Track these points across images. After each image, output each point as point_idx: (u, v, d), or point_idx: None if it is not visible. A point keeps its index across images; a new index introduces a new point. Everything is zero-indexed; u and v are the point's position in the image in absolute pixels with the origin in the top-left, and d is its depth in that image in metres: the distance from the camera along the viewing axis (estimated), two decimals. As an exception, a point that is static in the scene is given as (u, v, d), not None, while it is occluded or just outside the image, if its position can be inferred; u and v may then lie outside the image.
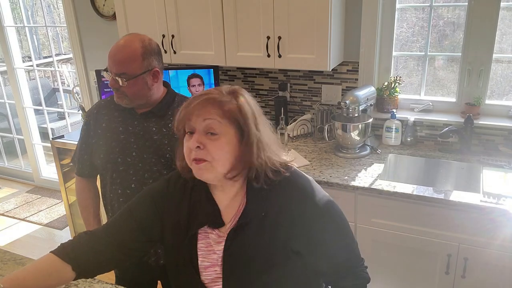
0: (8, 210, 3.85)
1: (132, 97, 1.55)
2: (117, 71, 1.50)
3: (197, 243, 1.12)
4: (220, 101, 1.04)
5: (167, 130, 1.60)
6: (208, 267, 1.12)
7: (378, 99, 2.53)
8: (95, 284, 1.40)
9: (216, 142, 1.03)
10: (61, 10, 4.06)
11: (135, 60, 1.50)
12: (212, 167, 1.04)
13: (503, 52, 2.36)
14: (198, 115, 1.03)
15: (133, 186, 1.58)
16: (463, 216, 1.88)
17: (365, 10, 2.40)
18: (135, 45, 1.51)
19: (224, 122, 1.03)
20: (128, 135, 1.59)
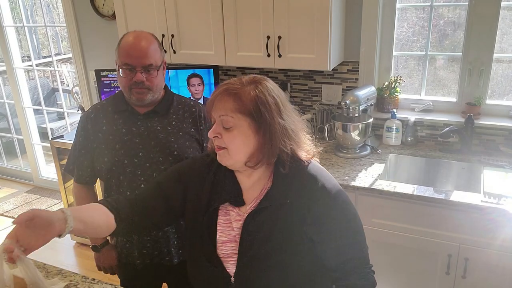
0: (7, 210, 3.84)
1: (155, 89, 1.55)
2: (144, 64, 1.49)
3: (217, 218, 1.19)
4: (237, 93, 1.09)
5: (172, 128, 1.60)
6: (225, 242, 1.17)
7: (378, 99, 2.53)
8: (95, 285, 1.40)
9: (229, 134, 1.10)
10: (60, 10, 4.05)
11: (157, 51, 1.53)
12: (229, 155, 1.11)
13: (504, 52, 2.36)
14: (215, 109, 1.11)
15: (142, 187, 1.56)
16: (463, 216, 1.88)
17: (366, 10, 2.39)
18: (150, 38, 1.53)
19: (237, 116, 1.08)
20: (133, 136, 1.58)
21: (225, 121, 1.09)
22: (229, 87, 1.10)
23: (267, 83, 1.13)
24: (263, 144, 1.10)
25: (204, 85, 2.67)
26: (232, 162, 1.13)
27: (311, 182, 1.13)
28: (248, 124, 1.08)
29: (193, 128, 1.64)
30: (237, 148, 1.10)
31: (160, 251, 1.64)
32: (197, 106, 1.71)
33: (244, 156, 1.11)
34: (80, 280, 1.42)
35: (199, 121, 1.66)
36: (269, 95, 1.10)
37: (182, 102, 1.68)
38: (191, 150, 1.61)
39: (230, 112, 1.08)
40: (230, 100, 1.08)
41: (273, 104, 1.09)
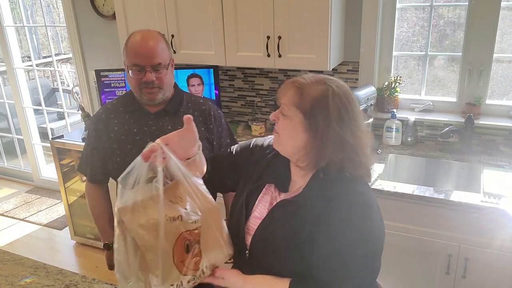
0: (7, 210, 3.84)
1: (166, 88, 1.55)
2: (153, 63, 1.48)
3: (260, 194, 1.24)
4: (301, 87, 1.10)
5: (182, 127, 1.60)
6: (256, 217, 1.22)
7: (378, 99, 2.53)
8: (95, 285, 1.40)
9: (283, 122, 1.13)
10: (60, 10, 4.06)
11: (164, 49, 1.53)
12: (280, 140, 1.15)
13: (504, 52, 2.36)
14: (280, 95, 1.15)
15: None
16: (463, 216, 1.88)
17: (366, 10, 2.39)
18: (157, 36, 1.53)
19: (292, 109, 1.10)
20: (144, 136, 1.57)
21: (283, 109, 1.12)
22: (297, 80, 1.12)
23: (337, 87, 1.10)
24: (311, 145, 1.10)
25: (204, 85, 2.67)
26: (281, 148, 1.16)
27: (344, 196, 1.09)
28: (299, 120, 1.09)
29: (203, 127, 1.63)
30: (285, 137, 1.13)
31: None
32: (207, 104, 1.70)
33: (291, 148, 1.14)
34: (80, 280, 1.42)
35: (209, 119, 1.66)
36: (333, 101, 1.07)
37: (192, 101, 1.68)
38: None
39: (288, 103, 1.11)
40: (292, 91, 1.11)
41: (335, 111, 1.07)
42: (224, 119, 1.74)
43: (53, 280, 1.43)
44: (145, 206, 0.98)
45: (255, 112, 2.92)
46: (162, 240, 0.96)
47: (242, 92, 2.91)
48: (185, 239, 1.00)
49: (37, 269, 1.48)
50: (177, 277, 1.00)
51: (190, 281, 1.03)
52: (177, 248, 0.99)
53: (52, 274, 1.46)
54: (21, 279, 1.43)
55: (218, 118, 1.70)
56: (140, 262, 0.98)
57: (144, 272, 0.99)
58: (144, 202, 0.99)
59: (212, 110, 1.68)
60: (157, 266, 0.96)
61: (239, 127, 2.87)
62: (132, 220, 0.97)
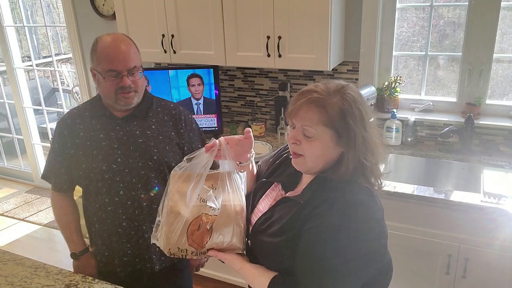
0: (7, 210, 3.84)
1: (141, 91, 1.54)
2: (129, 67, 1.46)
3: (268, 189, 1.27)
4: (323, 105, 1.06)
5: (151, 132, 1.57)
6: (259, 210, 1.24)
7: (378, 99, 2.53)
8: (95, 284, 1.40)
9: (310, 144, 1.08)
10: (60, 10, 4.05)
11: (136, 52, 1.52)
12: (305, 163, 1.12)
13: (504, 52, 2.36)
14: (297, 118, 1.08)
15: (122, 193, 1.53)
16: (463, 216, 1.88)
17: (366, 10, 2.39)
18: (127, 38, 1.52)
19: (320, 128, 1.06)
20: (111, 141, 1.53)
21: (307, 130, 1.07)
22: (314, 97, 1.06)
23: (353, 93, 1.10)
24: (347, 156, 1.08)
25: (204, 85, 2.67)
26: (307, 169, 1.14)
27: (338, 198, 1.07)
28: (330, 136, 1.07)
29: (173, 132, 1.61)
30: (315, 157, 1.10)
31: (141, 258, 1.60)
32: (177, 108, 1.66)
33: (321, 164, 1.11)
34: (80, 280, 1.42)
35: (179, 124, 1.63)
36: (356, 107, 1.07)
37: (162, 105, 1.65)
38: (171, 154, 1.58)
39: (314, 124, 1.06)
40: (316, 111, 1.06)
41: (359, 117, 1.07)
42: (196, 124, 1.72)
43: (53, 280, 1.43)
44: (189, 180, 1.17)
45: (255, 112, 2.92)
46: (188, 210, 1.14)
47: (242, 92, 2.91)
48: (201, 219, 1.15)
49: (37, 269, 1.48)
50: (184, 244, 1.15)
51: (193, 252, 1.17)
52: (193, 223, 1.14)
53: (52, 274, 1.46)
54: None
55: (189, 122, 1.67)
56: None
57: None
58: (190, 177, 1.17)
59: (182, 115, 1.65)
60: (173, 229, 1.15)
61: (239, 127, 2.87)
62: (174, 184, 1.18)
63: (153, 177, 1.55)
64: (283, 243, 1.10)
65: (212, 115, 2.73)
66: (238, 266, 1.17)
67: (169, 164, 1.56)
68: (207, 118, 2.73)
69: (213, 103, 2.71)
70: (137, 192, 1.53)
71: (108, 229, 1.58)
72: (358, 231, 1.04)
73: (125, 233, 1.56)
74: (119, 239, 1.57)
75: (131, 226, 1.56)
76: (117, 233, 1.57)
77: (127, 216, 1.55)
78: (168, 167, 1.56)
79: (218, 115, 2.73)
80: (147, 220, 1.56)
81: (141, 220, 1.56)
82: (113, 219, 1.56)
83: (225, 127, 2.90)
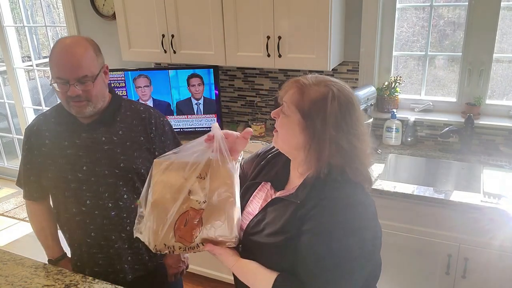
0: (7, 210, 3.84)
1: (96, 101, 1.43)
2: (78, 76, 1.36)
3: (255, 190, 1.27)
4: (302, 88, 1.10)
5: (118, 138, 1.50)
6: (249, 213, 1.24)
7: (378, 99, 2.53)
8: (95, 284, 1.40)
9: (282, 120, 1.14)
10: (60, 10, 4.05)
11: (91, 59, 1.40)
12: (278, 138, 1.16)
13: (504, 52, 2.36)
14: (282, 94, 1.15)
15: (88, 203, 1.48)
16: (463, 216, 1.88)
17: (366, 10, 2.39)
18: (83, 45, 1.40)
19: (291, 108, 1.11)
20: (76, 149, 1.47)
21: (284, 107, 1.13)
22: (300, 80, 1.12)
23: (339, 91, 1.08)
24: (309, 147, 1.09)
25: (204, 85, 2.67)
26: (279, 146, 1.18)
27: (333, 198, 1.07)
28: (297, 120, 1.09)
29: (142, 137, 1.53)
30: (283, 135, 1.14)
31: (114, 269, 1.56)
32: (147, 112, 1.58)
33: (288, 147, 1.15)
34: (80, 280, 1.42)
35: (149, 128, 1.55)
36: (332, 104, 1.06)
37: (132, 108, 1.57)
38: (140, 160, 1.51)
39: (289, 102, 1.11)
40: (294, 90, 1.11)
41: (332, 114, 1.06)
42: (169, 127, 1.64)
43: (53, 280, 1.43)
44: (176, 170, 1.10)
45: (255, 112, 2.92)
46: (175, 203, 1.08)
47: (242, 92, 2.91)
48: (189, 213, 1.09)
49: (37, 269, 1.48)
50: (171, 240, 1.09)
51: (182, 248, 1.12)
52: (181, 218, 1.09)
53: (52, 274, 1.46)
54: (21, 279, 1.43)
55: (160, 126, 1.58)
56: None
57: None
58: (177, 166, 1.10)
59: (153, 118, 1.57)
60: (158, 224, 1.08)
61: (239, 127, 2.87)
62: (159, 174, 1.10)
63: (121, 185, 1.49)
64: (283, 243, 1.09)
65: (212, 115, 2.73)
66: (233, 262, 1.15)
67: (138, 171, 1.50)
68: (207, 118, 2.73)
69: (213, 103, 2.71)
70: (104, 202, 1.48)
71: (78, 239, 1.55)
72: (360, 229, 1.05)
73: (94, 243, 1.52)
74: (89, 249, 1.54)
75: (100, 237, 1.51)
76: (86, 244, 1.53)
77: (95, 226, 1.50)
78: (137, 174, 1.51)
79: (218, 115, 2.73)
80: (116, 230, 1.51)
81: (110, 231, 1.51)
82: (81, 229, 1.52)
83: (225, 127, 2.90)
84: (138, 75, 2.68)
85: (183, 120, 2.75)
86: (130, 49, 2.72)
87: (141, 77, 2.68)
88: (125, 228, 1.53)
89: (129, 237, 1.53)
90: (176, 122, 2.75)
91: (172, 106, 2.74)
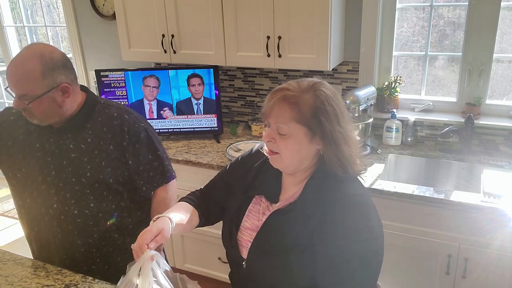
0: (7, 210, 3.84)
1: (42, 117, 1.38)
2: (18, 92, 1.33)
3: (249, 204, 1.23)
4: (295, 102, 1.07)
5: (86, 146, 1.44)
6: (247, 229, 1.21)
7: (378, 99, 2.53)
8: (95, 284, 1.40)
9: (284, 141, 1.09)
10: (60, 10, 4.05)
11: (34, 80, 1.31)
12: (281, 160, 1.12)
13: (504, 52, 2.36)
14: (272, 116, 1.09)
15: (55, 206, 1.46)
16: (463, 216, 1.88)
17: (366, 10, 2.39)
18: (31, 63, 1.31)
19: (293, 125, 1.07)
20: (45, 154, 1.44)
21: (280, 128, 1.08)
22: (287, 95, 1.08)
23: (326, 90, 1.10)
24: (325, 152, 1.09)
25: (204, 85, 2.67)
26: (284, 166, 1.14)
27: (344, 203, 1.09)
28: (304, 133, 1.07)
29: (112, 145, 1.46)
30: (291, 155, 1.10)
31: (80, 269, 1.52)
32: (121, 117, 1.49)
33: (297, 162, 1.12)
34: (80, 280, 1.42)
35: (120, 136, 1.46)
36: (328, 103, 1.07)
37: (105, 114, 1.49)
38: (109, 170, 1.45)
39: (287, 121, 1.07)
40: (288, 108, 1.07)
41: (332, 113, 1.07)
42: (145, 133, 1.52)
43: (53, 280, 1.43)
44: None
45: (255, 112, 2.92)
46: None
47: (242, 92, 2.91)
48: None
49: (37, 269, 1.48)
50: None
51: None
52: None
53: (52, 274, 1.46)
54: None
55: (134, 133, 1.49)
56: None
57: None
58: None
59: (126, 125, 1.48)
60: None
61: (239, 127, 2.87)
62: None
63: (88, 194, 1.46)
64: (296, 258, 1.09)
65: (212, 115, 2.73)
66: None
67: (106, 181, 1.45)
68: (207, 118, 2.73)
69: (213, 103, 2.71)
70: (70, 208, 1.46)
71: (45, 238, 1.53)
72: (374, 228, 1.09)
73: (60, 245, 1.51)
74: (56, 249, 1.53)
75: (66, 240, 1.50)
76: (54, 244, 1.52)
77: (61, 230, 1.48)
78: (105, 184, 1.46)
79: (218, 115, 2.73)
80: (82, 236, 1.49)
81: (75, 236, 1.49)
82: (48, 230, 1.50)
83: (225, 127, 2.90)
84: (150, 75, 2.67)
85: (183, 120, 2.75)
86: (130, 49, 2.72)
87: (152, 77, 2.67)
88: (92, 235, 1.50)
89: (97, 242, 1.51)
90: (176, 122, 2.75)
91: (172, 106, 2.74)
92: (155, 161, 1.54)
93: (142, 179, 1.53)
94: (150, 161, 1.53)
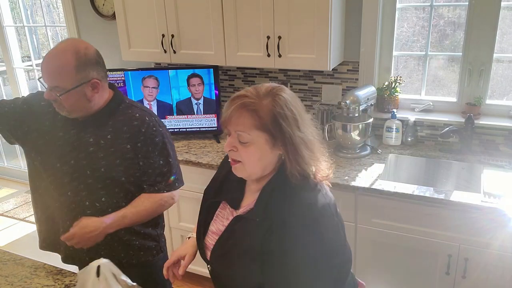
0: (7, 210, 3.84)
1: (70, 109, 1.43)
2: (50, 84, 1.39)
3: (217, 209, 1.25)
4: (254, 109, 1.05)
5: (105, 142, 1.49)
6: (213, 232, 1.23)
7: (378, 99, 2.53)
8: (94, 285, 1.40)
9: (246, 149, 1.08)
10: (60, 10, 4.05)
11: (67, 74, 1.37)
12: (244, 168, 1.11)
13: (504, 52, 2.36)
14: (231, 124, 1.08)
15: (69, 194, 1.51)
16: (463, 216, 1.88)
17: (366, 10, 2.39)
18: (67, 57, 1.37)
19: (253, 132, 1.06)
20: (65, 144, 1.50)
21: (241, 136, 1.07)
22: (245, 102, 1.06)
23: (285, 94, 1.09)
24: (288, 156, 1.08)
25: (204, 85, 2.67)
26: (247, 175, 1.13)
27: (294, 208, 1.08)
28: (265, 140, 1.07)
29: (129, 145, 1.49)
30: (253, 163, 1.09)
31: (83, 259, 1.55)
32: (141, 119, 1.52)
33: (260, 169, 1.11)
34: (80, 280, 1.42)
35: (137, 136, 1.50)
36: (288, 108, 1.06)
37: (127, 113, 1.52)
38: (121, 169, 1.49)
39: (247, 129, 1.06)
40: (247, 116, 1.05)
41: (291, 118, 1.07)
42: (160, 138, 1.54)
43: (53, 280, 1.43)
44: None
45: (255, 112, 2.91)
46: None
47: (242, 92, 2.91)
48: None
49: (37, 269, 1.48)
50: None
51: None
52: None
53: (52, 274, 1.46)
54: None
55: (150, 136, 1.51)
56: None
57: None
58: None
59: (143, 127, 1.50)
60: None
61: (239, 127, 2.87)
62: None
63: (100, 188, 1.50)
64: (250, 263, 1.09)
65: (212, 115, 2.73)
66: None
67: (117, 180, 1.49)
68: (207, 118, 2.73)
69: (213, 103, 2.71)
70: (82, 198, 1.50)
71: (54, 223, 1.60)
72: (321, 231, 1.07)
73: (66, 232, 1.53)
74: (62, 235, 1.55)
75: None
76: (63, 231, 1.53)
77: (71, 218, 1.51)
78: (116, 182, 1.49)
79: (218, 115, 2.73)
80: None
81: None
82: (58, 215, 1.57)
83: (225, 127, 2.89)
84: (148, 75, 2.67)
85: (183, 120, 2.74)
86: (130, 49, 2.72)
87: (151, 77, 2.67)
88: None
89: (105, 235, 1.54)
90: (176, 122, 2.75)
91: (172, 106, 2.74)
92: (165, 167, 1.55)
93: (147, 181, 1.55)
94: (159, 166, 1.54)
